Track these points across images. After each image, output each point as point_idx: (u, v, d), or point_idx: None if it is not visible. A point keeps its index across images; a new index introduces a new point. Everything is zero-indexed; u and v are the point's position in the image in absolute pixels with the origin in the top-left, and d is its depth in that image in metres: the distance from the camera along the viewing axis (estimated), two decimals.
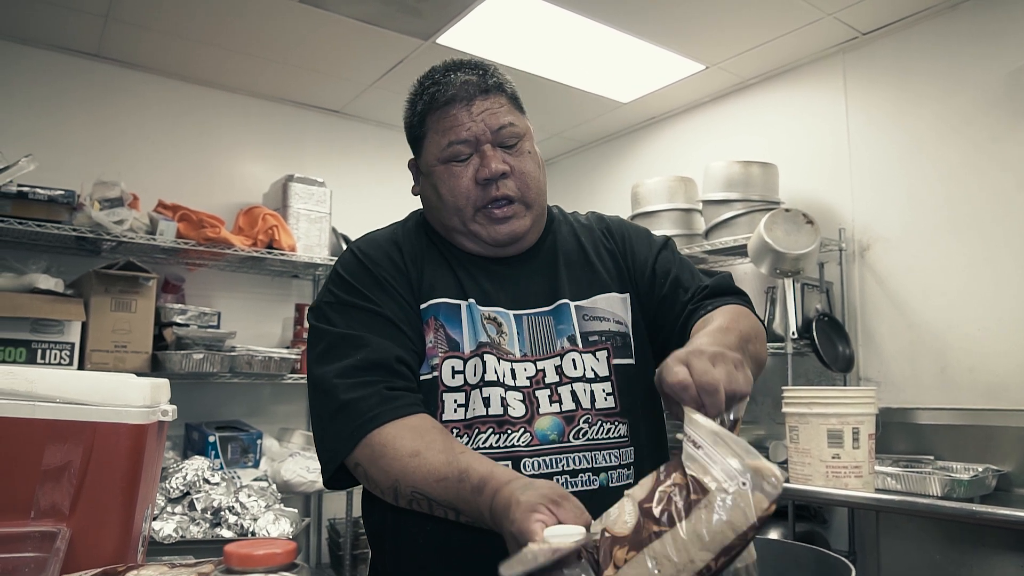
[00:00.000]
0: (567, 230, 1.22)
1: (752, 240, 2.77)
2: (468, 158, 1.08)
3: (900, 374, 2.85)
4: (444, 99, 1.08)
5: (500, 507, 0.79)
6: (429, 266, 1.12)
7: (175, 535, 2.29)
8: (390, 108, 3.87)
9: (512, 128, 1.09)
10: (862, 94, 3.08)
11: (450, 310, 1.09)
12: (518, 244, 1.13)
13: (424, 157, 1.13)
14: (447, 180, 1.09)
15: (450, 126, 1.07)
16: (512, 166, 1.08)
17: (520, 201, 1.10)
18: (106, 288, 2.84)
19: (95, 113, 3.30)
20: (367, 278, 1.09)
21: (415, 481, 0.91)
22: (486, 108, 1.08)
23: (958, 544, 1.97)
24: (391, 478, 0.93)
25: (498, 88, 1.11)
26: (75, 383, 1.08)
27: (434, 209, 1.14)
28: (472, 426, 1.04)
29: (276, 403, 3.62)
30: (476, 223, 1.09)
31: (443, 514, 0.90)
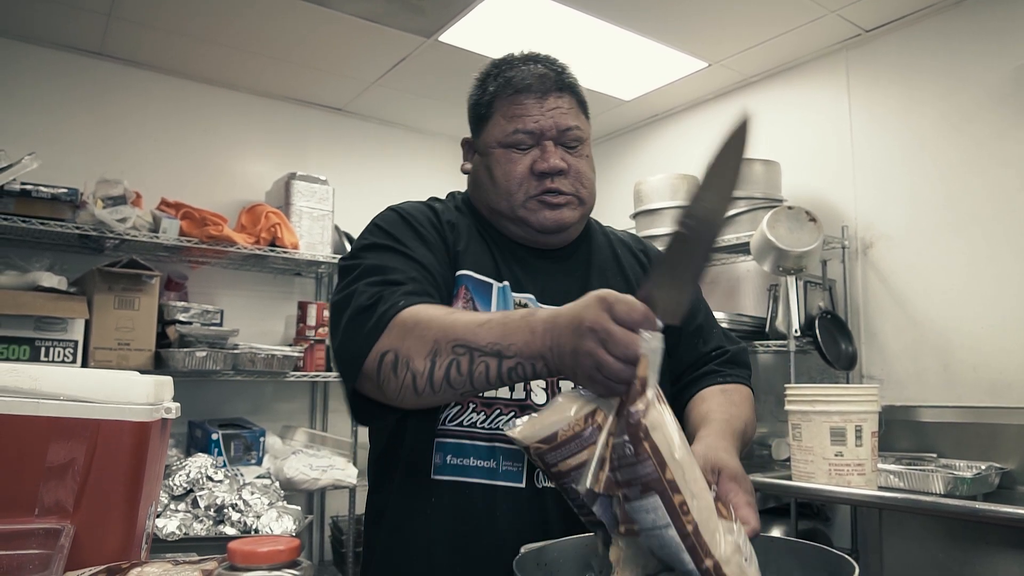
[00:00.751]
0: (603, 240, 1.25)
1: (755, 238, 2.76)
2: (529, 148, 1.10)
3: (903, 372, 2.84)
4: (519, 86, 1.10)
5: (560, 311, 0.80)
6: (466, 241, 1.13)
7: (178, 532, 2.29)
8: (392, 106, 3.87)
9: (577, 131, 1.12)
10: (865, 91, 3.07)
11: (481, 287, 1.09)
12: (560, 236, 1.15)
13: (484, 137, 1.14)
14: (504, 164, 1.10)
15: (519, 114, 1.09)
16: (570, 165, 1.11)
17: (574, 195, 1.12)
18: (109, 286, 2.84)
19: (98, 111, 3.30)
20: (405, 228, 1.10)
21: (456, 333, 0.86)
22: (557, 106, 1.10)
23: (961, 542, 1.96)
24: (429, 340, 0.87)
25: (571, 89, 1.14)
26: (79, 380, 1.08)
27: (484, 189, 1.15)
28: (492, 405, 1.05)
29: (279, 401, 3.62)
30: (525, 208, 1.11)
31: (482, 372, 0.85)
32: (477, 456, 1.04)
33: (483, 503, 1.02)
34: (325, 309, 3.48)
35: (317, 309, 3.46)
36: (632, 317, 0.73)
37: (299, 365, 3.31)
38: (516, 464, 1.04)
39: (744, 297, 3.46)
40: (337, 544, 3.53)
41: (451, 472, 1.04)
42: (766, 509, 2.93)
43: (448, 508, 1.04)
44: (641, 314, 0.73)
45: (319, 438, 3.41)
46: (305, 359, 3.35)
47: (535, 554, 0.78)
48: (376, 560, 1.10)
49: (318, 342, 3.43)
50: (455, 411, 1.05)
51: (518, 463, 1.04)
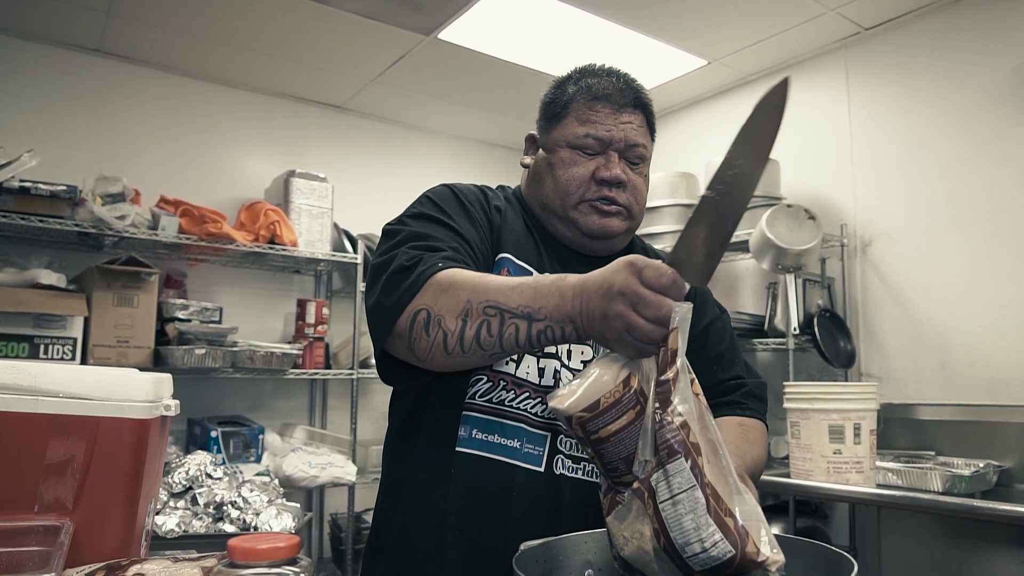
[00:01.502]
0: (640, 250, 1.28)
1: (754, 236, 2.77)
2: (594, 155, 1.13)
3: (902, 370, 2.85)
4: (598, 94, 1.13)
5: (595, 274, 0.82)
6: (512, 228, 1.16)
7: (178, 529, 2.30)
8: (392, 103, 3.87)
9: (643, 150, 1.15)
10: (864, 90, 3.07)
11: (521, 273, 1.11)
12: (605, 244, 1.17)
13: (553, 135, 1.16)
14: (568, 165, 1.13)
15: (594, 120, 1.12)
16: (630, 179, 1.14)
17: (626, 208, 1.14)
18: (108, 283, 2.84)
19: (97, 108, 3.30)
20: (453, 201, 1.12)
21: (488, 294, 0.89)
22: (630, 121, 1.14)
23: (959, 539, 1.97)
24: (462, 299, 0.90)
25: (645, 108, 1.17)
26: (78, 377, 1.08)
27: (542, 184, 1.17)
28: (521, 385, 1.06)
29: (278, 398, 3.63)
30: (577, 211, 1.13)
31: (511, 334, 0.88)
32: (502, 434, 1.06)
33: (501, 481, 1.04)
34: (324, 307, 3.48)
35: (316, 307, 3.46)
36: (661, 281, 0.75)
37: (298, 363, 3.31)
38: (538, 448, 1.06)
39: (743, 295, 3.46)
40: (336, 541, 3.53)
41: (475, 446, 1.05)
42: (764, 507, 2.92)
43: (467, 481, 1.05)
44: (670, 278, 0.76)
45: (318, 436, 3.41)
46: (304, 357, 3.35)
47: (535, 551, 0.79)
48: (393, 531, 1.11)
49: (317, 340, 3.43)
50: (486, 387, 1.06)
51: (540, 447, 1.06)
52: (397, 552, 1.10)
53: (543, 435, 1.06)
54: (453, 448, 1.05)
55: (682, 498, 0.70)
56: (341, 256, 3.47)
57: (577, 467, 1.07)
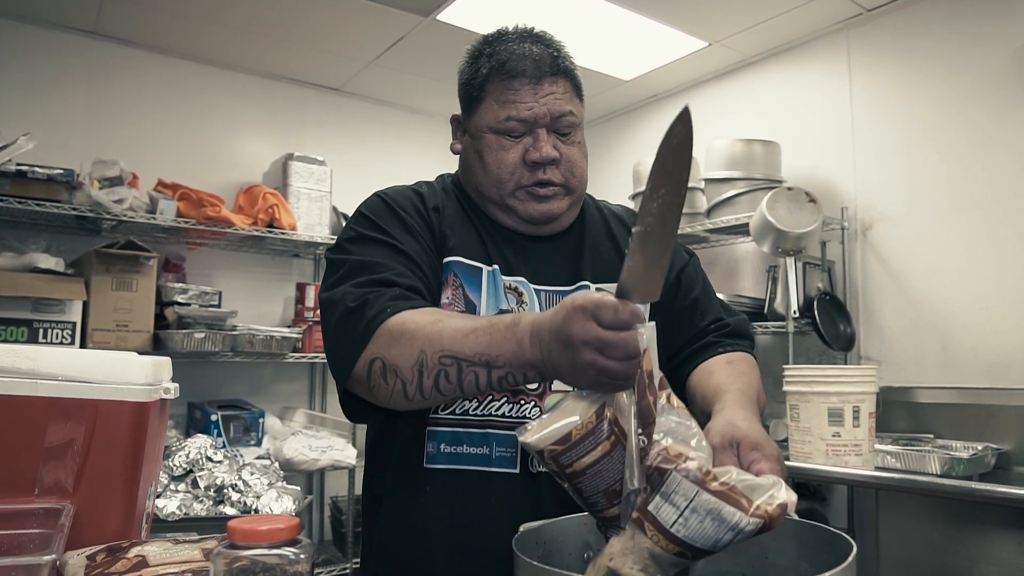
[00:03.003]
0: (597, 216, 1.23)
1: (754, 219, 2.76)
2: (521, 136, 1.07)
3: (901, 353, 2.85)
4: (513, 70, 1.06)
5: (546, 316, 0.80)
6: (454, 225, 1.12)
7: (178, 512, 2.31)
8: (390, 86, 3.84)
9: (571, 117, 1.09)
10: (866, 72, 3.05)
11: (470, 272, 1.08)
12: (551, 225, 1.13)
13: (475, 120, 1.11)
14: (495, 151, 1.08)
15: (512, 100, 1.06)
16: (562, 153, 1.08)
17: (563, 187, 1.10)
18: (107, 267, 2.84)
19: (93, 92, 3.28)
20: (390, 217, 1.08)
21: (442, 344, 0.86)
22: (552, 92, 1.07)
23: (957, 522, 1.97)
24: (415, 351, 0.88)
25: (567, 73, 1.10)
26: (77, 361, 1.08)
27: (473, 174, 1.13)
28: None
29: (278, 382, 3.63)
30: (515, 198, 1.09)
31: (471, 381, 0.86)
32: (471, 443, 1.04)
33: (478, 490, 1.02)
34: None
35: (315, 290, 3.45)
36: (619, 319, 0.72)
37: (298, 346, 3.31)
38: (510, 450, 1.04)
39: (743, 278, 3.46)
40: (337, 524, 3.55)
41: (445, 460, 1.04)
42: None
43: (443, 496, 1.04)
44: (627, 313, 0.72)
45: (318, 419, 3.42)
46: (304, 340, 3.35)
47: (535, 532, 0.79)
48: (375, 548, 1.11)
49: (317, 323, 3.43)
50: None
51: (512, 449, 1.04)
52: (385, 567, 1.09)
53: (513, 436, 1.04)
54: (422, 466, 1.04)
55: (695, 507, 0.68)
56: None
57: None
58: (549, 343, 0.78)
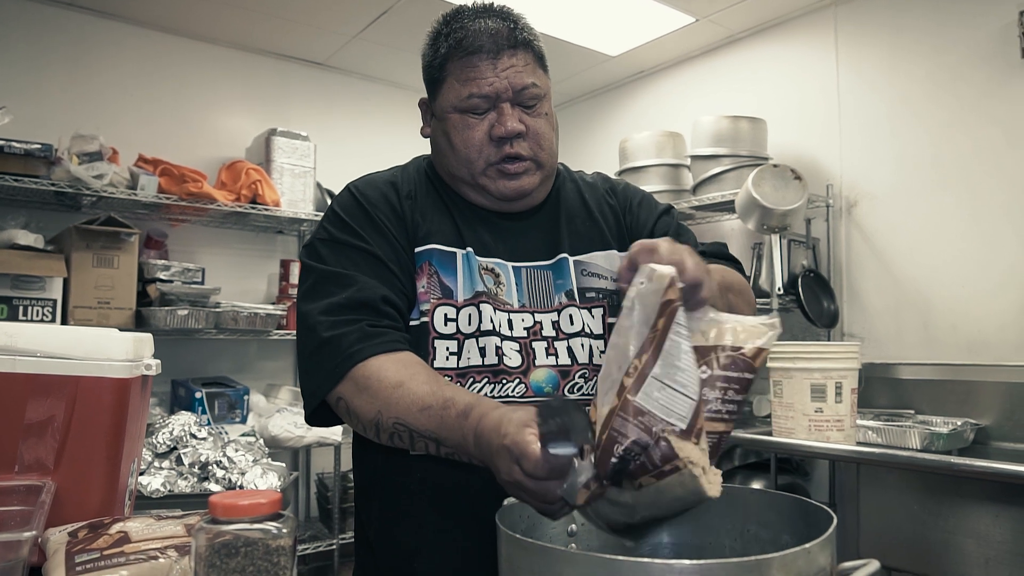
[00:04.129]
0: (571, 187, 1.22)
1: (740, 196, 2.76)
2: (485, 112, 1.06)
3: (884, 330, 2.88)
4: (471, 47, 1.05)
5: (488, 427, 0.79)
6: (428, 211, 1.11)
7: (163, 489, 2.30)
8: (375, 60, 3.80)
9: (534, 89, 1.07)
10: (853, 49, 3.04)
11: (444, 257, 1.08)
12: (524, 201, 1.12)
13: (439, 101, 1.10)
14: (461, 130, 1.07)
15: (473, 77, 1.05)
16: (528, 126, 1.07)
17: (532, 160, 1.08)
18: (87, 244, 2.80)
19: (72, 65, 3.21)
20: (362, 217, 1.08)
21: (398, 411, 0.90)
22: (512, 65, 1.05)
23: (936, 495, 2.01)
24: (374, 409, 0.92)
25: (526, 45, 1.08)
26: (56, 337, 1.07)
27: (443, 156, 1.12)
28: (466, 375, 1.04)
29: (263, 359, 3.62)
30: (485, 176, 1.08)
31: (423, 448, 0.90)
32: None
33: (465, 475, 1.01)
34: None
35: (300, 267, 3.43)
36: (537, 472, 0.70)
37: (282, 323, 3.30)
38: None
39: None
40: (323, 500, 3.56)
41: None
42: (746, 464, 2.98)
43: (431, 483, 1.04)
44: (546, 470, 0.70)
45: None
46: (288, 317, 3.34)
47: (519, 506, 0.79)
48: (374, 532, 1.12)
49: None
50: None
51: None
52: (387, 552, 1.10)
53: None
54: (408, 455, 1.03)
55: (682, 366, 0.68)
56: None
57: None
58: (485, 454, 0.80)
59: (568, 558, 0.62)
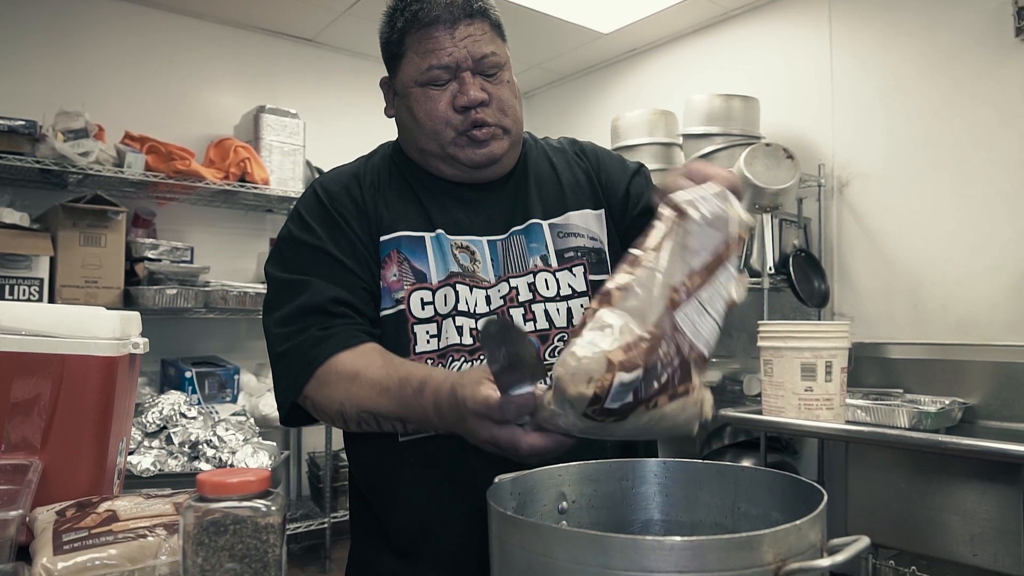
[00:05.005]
0: (538, 153, 1.21)
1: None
2: (446, 84, 1.06)
3: (874, 310, 2.89)
4: (427, 19, 1.04)
5: (445, 399, 0.83)
6: (392, 199, 1.11)
7: (153, 469, 2.29)
8: (365, 36, 3.75)
9: (494, 58, 1.06)
10: (846, 28, 3.03)
11: (413, 243, 1.07)
12: (494, 168, 1.12)
13: (400, 77, 1.10)
14: (424, 103, 1.06)
15: (431, 49, 1.04)
16: (491, 94, 1.06)
17: (498, 127, 1.08)
18: (74, 222, 2.77)
19: (56, 40, 3.16)
20: (322, 215, 1.09)
21: (359, 401, 0.94)
22: (469, 34, 1.05)
23: (923, 473, 2.03)
24: (336, 403, 0.97)
25: (482, 13, 1.07)
26: (41, 315, 1.06)
27: (409, 132, 1.12)
28: (446, 355, 1.04)
29: (253, 339, 3.60)
30: (455, 146, 1.07)
31: (391, 428, 0.94)
32: None
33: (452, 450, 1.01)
34: None
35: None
36: (505, 416, 0.75)
37: None
38: None
39: None
40: (314, 479, 3.57)
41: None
42: (736, 443, 3.00)
43: (419, 462, 1.05)
44: (512, 410, 0.74)
45: None
46: None
47: (509, 484, 0.79)
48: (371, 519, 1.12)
49: None
50: None
51: None
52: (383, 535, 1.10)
53: None
54: (397, 440, 1.04)
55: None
56: None
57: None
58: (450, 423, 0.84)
59: (559, 535, 0.62)
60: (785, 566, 0.59)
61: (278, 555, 0.64)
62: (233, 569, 0.62)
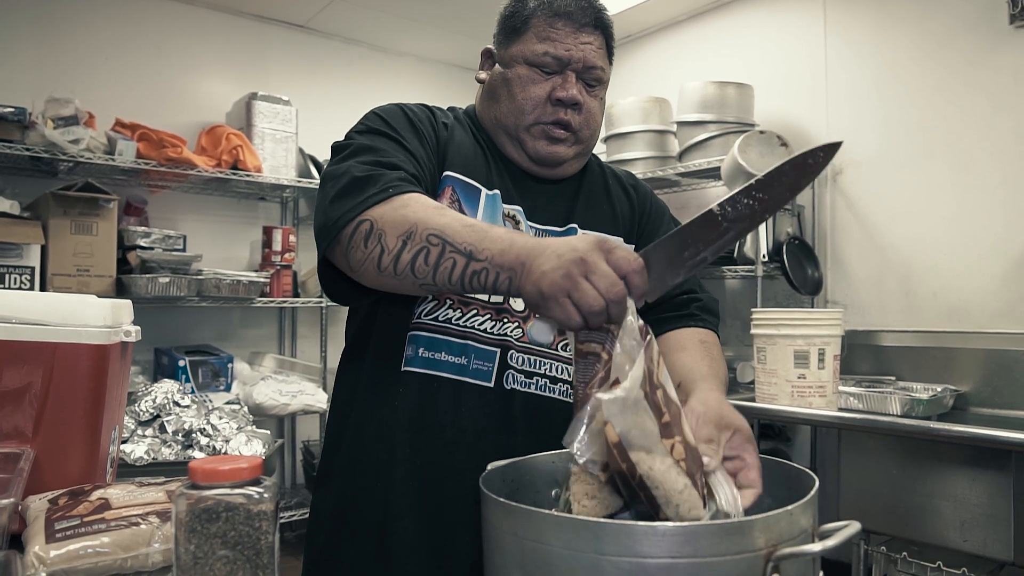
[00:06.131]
0: (598, 171, 1.27)
1: (726, 162, 2.75)
2: (552, 74, 1.11)
3: (867, 297, 2.90)
4: (560, 10, 1.10)
5: (552, 241, 0.77)
6: (461, 146, 1.14)
7: (146, 457, 2.29)
8: (357, 23, 3.73)
9: (600, 72, 1.13)
10: (841, 15, 3.02)
11: (469, 191, 1.10)
12: (553, 169, 1.16)
13: (511, 50, 1.13)
14: (525, 82, 1.11)
15: (553, 38, 1.09)
16: (585, 102, 1.12)
17: (575, 134, 1.13)
18: (65, 210, 2.75)
19: (45, 25, 3.13)
20: (401, 117, 1.11)
21: (437, 224, 0.86)
22: (590, 42, 1.11)
23: (915, 459, 2.04)
24: (409, 222, 0.88)
25: (605, 30, 1.14)
26: (32, 303, 1.05)
27: (496, 102, 1.15)
28: (468, 304, 1.06)
29: (246, 327, 3.60)
30: (528, 133, 1.12)
31: (448, 267, 0.84)
32: (449, 352, 1.05)
33: (450, 397, 1.04)
34: (291, 234, 3.42)
35: (283, 234, 3.40)
36: (625, 266, 0.72)
37: (266, 291, 3.27)
38: (487, 364, 1.06)
39: None
40: (309, 468, 3.57)
41: (421, 364, 1.05)
42: None
43: (415, 399, 1.05)
44: (636, 265, 0.72)
45: (288, 364, 3.41)
46: (272, 285, 3.31)
47: (501, 470, 0.79)
48: (344, 450, 1.12)
49: (284, 267, 3.39)
50: (431, 306, 1.06)
51: (489, 363, 1.06)
52: (347, 473, 1.10)
53: (492, 351, 1.05)
54: (400, 367, 1.05)
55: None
56: (307, 182, 3.39)
57: (530, 382, 1.07)
58: (544, 251, 0.76)
59: (552, 521, 0.62)
60: (777, 551, 0.60)
61: (271, 542, 0.64)
62: (226, 556, 0.62)
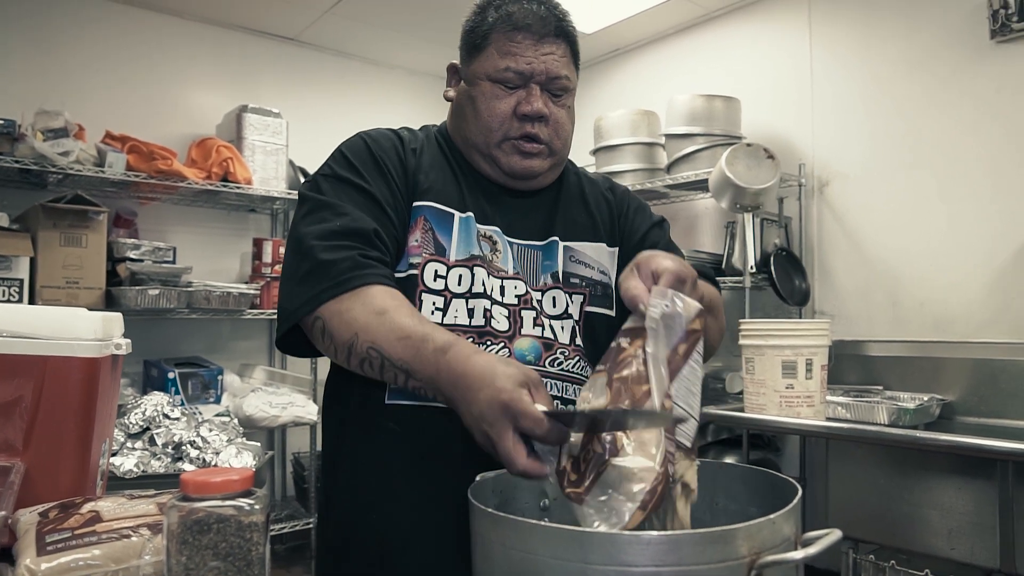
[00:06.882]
0: (574, 179, 1.26)
1: (713, 175, 2.77)
2: (515, 88, 1.10)
3: (854, 308, 2.92)
4: (518, 23, 1.09)
5: (474, 372, 0.80)
6: (431, 171, 1.13)
7: (136, 470, 2.28)
8: (348, 36, 3.75)
9: (565, 81, 1.11)
10: (826, 28, 3.06)
11: (442, 217, 1.10)
12: (529, 182, 1.16)
13: (474, 67, 1.13)
14: (489, 99, 1.10)
15: (513, 52, 1.08)
16: (551, 113, 1.11)
17: (547, 146, 1.12)
18: (54, 223, 2.75)
19: (34, 37, 3.13)
20: (367, 158, 1.11)
21: (375, 336, 0.91)
22: (551, 52, 1.10)
23: (902, 468, 2.06)
24: (351, 331, 0.93)
25: (568, 38, 1.13)
26: (22, 316, 1.05)
27: (463, 120, 1.15)
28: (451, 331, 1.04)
29: (236, 339, 3.59)
30: (500, 149, 1.11)
31: (392, 378, 0.91)
32: None
33: (436, 427, 1.03)
34: (281, 246, 3.42)
35: (273, 246, 3.40)
36: (535, 433, 0.74)
37: (256, 303, 3.27)
38: None
39: (702, 234, 3.49)
40: (299, 480, 3.56)
41: (404, 396, 1.04)
42: (719, 440, 3.02)
43: (403, 432, 1.05)
44: (545, 434, 0.74)
45: (278, 376, 3.40)
46: (261, 297, 3.31)
47: (491, 481, 0.80)
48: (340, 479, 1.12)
49: (274, 279, 3.39)
50: None
51: None
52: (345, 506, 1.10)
53: None
54: (383, 402, 1.05)
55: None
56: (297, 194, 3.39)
57: None
58: (462, 394, 0.81)
59: (539, 531, 0.63)
60: (760, 559, 0.61)
61: (261, 553, 0.64)
62: (217, 567, 0.62)
